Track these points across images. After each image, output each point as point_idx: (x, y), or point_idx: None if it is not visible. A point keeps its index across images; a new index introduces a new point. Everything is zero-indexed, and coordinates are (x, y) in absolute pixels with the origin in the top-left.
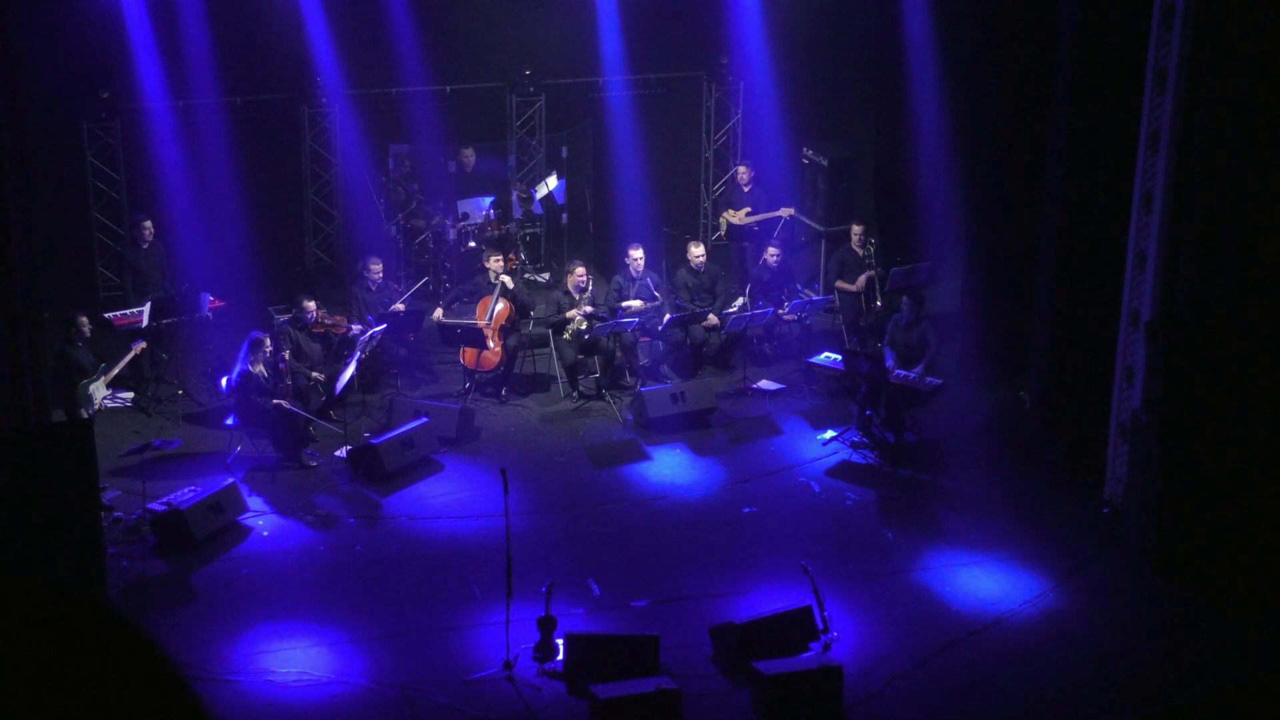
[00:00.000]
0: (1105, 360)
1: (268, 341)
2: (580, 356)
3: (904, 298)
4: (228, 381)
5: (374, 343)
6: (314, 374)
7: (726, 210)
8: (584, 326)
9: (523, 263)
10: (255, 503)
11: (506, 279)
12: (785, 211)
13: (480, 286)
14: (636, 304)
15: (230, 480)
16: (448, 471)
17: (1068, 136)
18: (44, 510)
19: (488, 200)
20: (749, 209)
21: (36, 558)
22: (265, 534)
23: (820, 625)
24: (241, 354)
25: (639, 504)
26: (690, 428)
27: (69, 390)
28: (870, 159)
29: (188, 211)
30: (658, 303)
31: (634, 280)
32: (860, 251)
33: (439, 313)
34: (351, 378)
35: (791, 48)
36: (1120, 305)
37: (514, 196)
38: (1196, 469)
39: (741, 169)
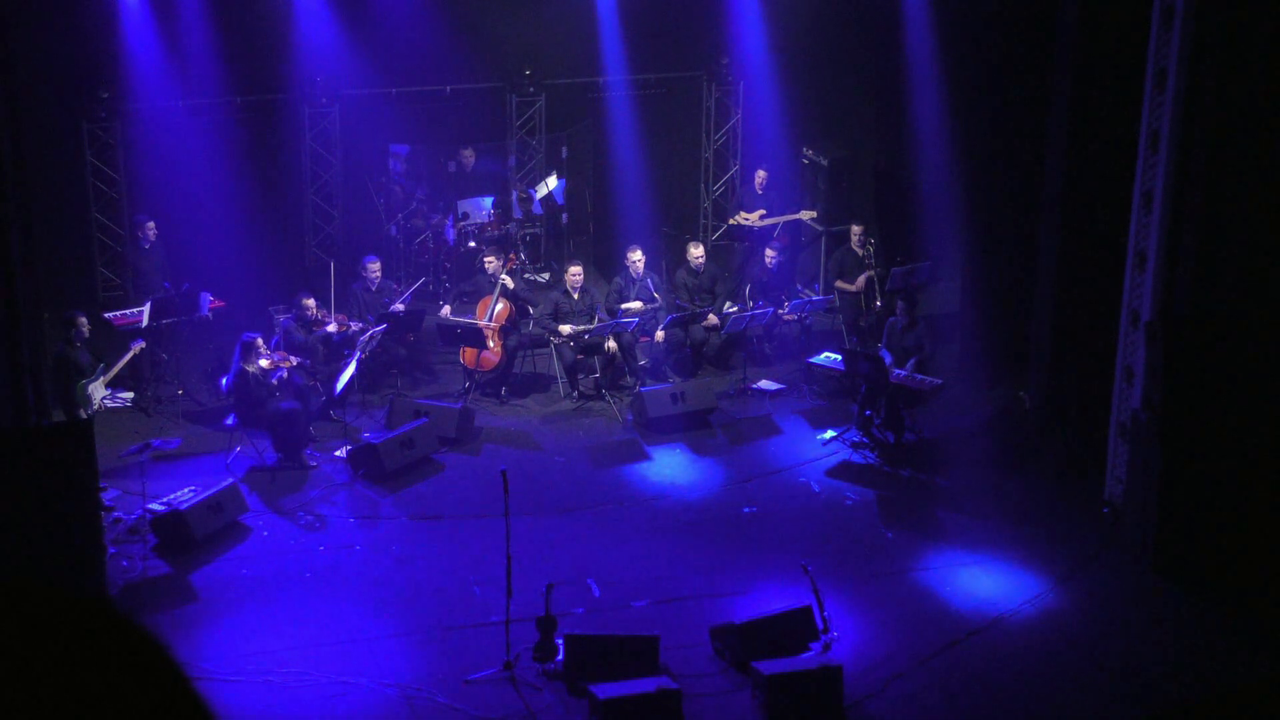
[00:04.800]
0: (1105, 360)
1: (259, 342)
2: (580, 356)
3: (898, 301)
4: (226, 381)
5: (374, 343)
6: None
7: (739, 213)
8: (570, 333)
9: (523, 263)
10: (255, 503)
11: (507, 279)
12: (806, 214)
13: (481, 286)
14: (636, 305)
15: (230, 480)
16: (448, 471)
17: (1068, 136)
18: (44, 510)
19: (488, 200)
20: (763, 211)
21: (36, 558)
22: (265, 534)
23: (820, 625)
24: (235, 355)
25: (639, 504)
26: (690, 428)
27: (67, 390)
28: (870, 159)
29: (188, 211)
30: (657, 304)
31: (634, 281)
32: (860, 251)
33: (446, 309)
34: (352, 378)
35: (791, 48)
36: (1120, 305)
37: (514, 196)
38: (1196, 469)
39: (761, 173)
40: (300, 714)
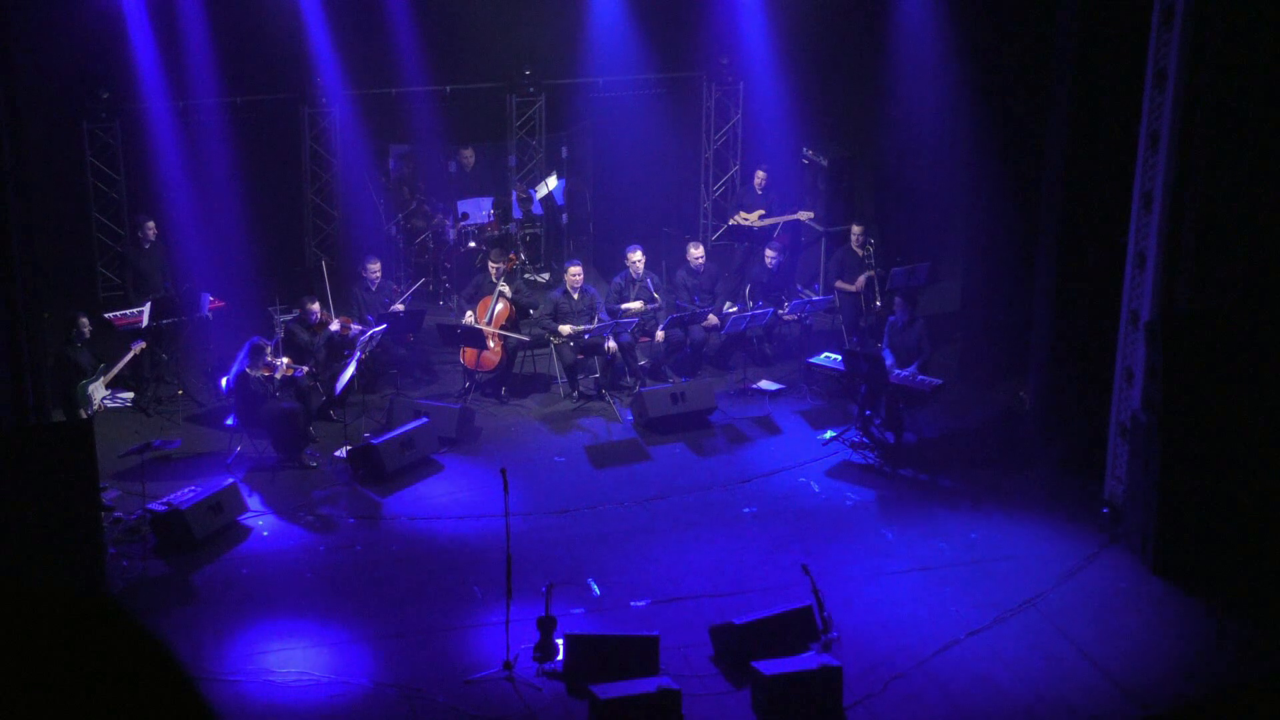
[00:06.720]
0: (1105, 360)
1: (268, 348)
2: (580, 356)
3: (896, 299)
4: (227, 382)
5: (374, 343)
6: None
7: (739, 213)
8: (570, 333)
9: (523, 263)
10: (255, 503)
11: (504, 287)
12: (804, 215)
13: (482, 286)
14: (636, 305)
15: (230, 480)
16: (448, 471)
17: (1068, 136)
18: (44, 510)
19: (488, 200)
20: (763, 211)
21: (36, 558)
22: (265, 534)
23: (820, 625)
24: (241, 354)
25: (639, 504)
26: (690, 428)
27: (68, 390)
28: (870, 159)
29: (188, 211)
30: (657, 304)
31: (634, 281)
32: (860, 252)
33: (470, 317)
34: (351, 378)
35: (791, 47)
36: (1120, 305)
37: (514, 197)
38: (1196, 469)
39: (760, 174)
40: (300, 714)
